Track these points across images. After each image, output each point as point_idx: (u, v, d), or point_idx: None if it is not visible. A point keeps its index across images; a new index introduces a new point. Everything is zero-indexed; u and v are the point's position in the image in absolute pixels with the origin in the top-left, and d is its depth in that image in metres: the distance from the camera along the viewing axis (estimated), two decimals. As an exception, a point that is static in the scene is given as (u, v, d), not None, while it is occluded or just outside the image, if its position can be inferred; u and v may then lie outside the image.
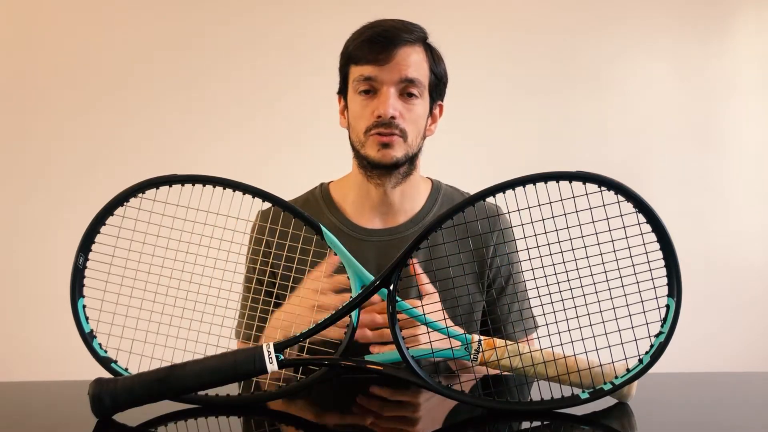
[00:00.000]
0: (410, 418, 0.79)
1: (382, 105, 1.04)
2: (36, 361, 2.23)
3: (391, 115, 1.04)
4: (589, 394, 0.76)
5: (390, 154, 1.06)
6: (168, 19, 2.34)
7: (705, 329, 2.30)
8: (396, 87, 1.05)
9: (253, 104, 2.35)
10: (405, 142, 1.07)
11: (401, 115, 1.06)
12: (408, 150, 1.08)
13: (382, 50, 1.04)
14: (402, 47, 1.05)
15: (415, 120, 1.08)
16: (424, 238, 0.76)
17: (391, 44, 1.04)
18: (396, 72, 1.05)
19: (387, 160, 1.07)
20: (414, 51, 1.07)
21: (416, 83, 1.06)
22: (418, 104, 1.08)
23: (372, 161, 1.08)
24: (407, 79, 1.05)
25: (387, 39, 1.04)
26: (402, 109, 1.06)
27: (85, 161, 2.30)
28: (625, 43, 2.46)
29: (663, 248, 0.74)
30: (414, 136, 1.08)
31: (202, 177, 0.81)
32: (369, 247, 1.14)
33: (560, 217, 0.77)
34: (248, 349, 0.75)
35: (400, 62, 1.05)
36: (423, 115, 1.09)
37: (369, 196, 1.16)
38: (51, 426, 0.76)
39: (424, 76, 1.08)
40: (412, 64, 1.06)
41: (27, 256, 2.30)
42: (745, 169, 2.53)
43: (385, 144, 1.06)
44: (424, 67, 1.08)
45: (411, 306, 0.81)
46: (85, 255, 0.80)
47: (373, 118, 1.05)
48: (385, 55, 1.04)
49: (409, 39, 1.06)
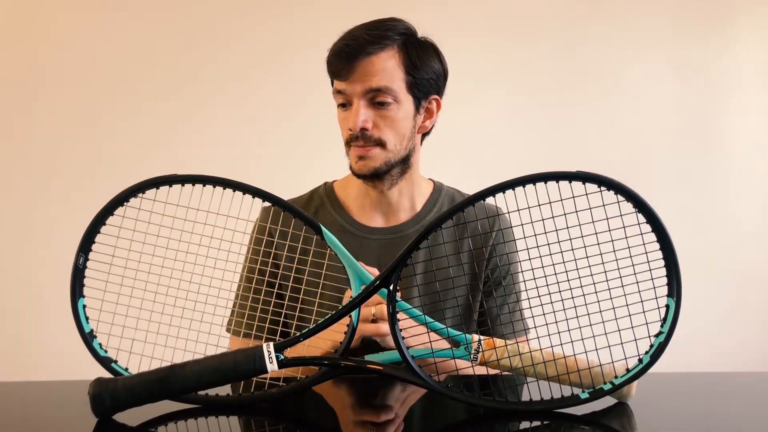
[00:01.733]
0: (410, 418, 0.79)
1: (352, 119, 1.05)
2: (36, 361, 2.23)
3: (361, 127, 1.05)
4: (588, 394, 0.76)
5: (368, 165, 1.08)
6: (168, 19, 2.34)
7: (705, 329, 2.30)
8: (365, 98, 1.05)
9: (254, 104, 2.35)
10: (384, 149, 1.07)
11: (375, 124, 1.06)
12: (389, 156, 1.08)
13: (345, 64, 1.04)
14: (364, 58, 1.04)
15: (392, 126, 1.07)
16: (425, 238, 0.76)
17: (351, 57, 1.04)
18: (359, 84, 1.04)
19: (365, 171, 1.08)
20: (380, 58, 1.05)
21: (385, 90, 1.05)
22: (393, 110, 1.06)
23: (353, 172, 1.11)
24: (373, 89, 1.04)
25: (348, 53, 1.04)
26: (375, 117, 1.06)
27: (85, 161, 2.30)
28: (625, 43, 2.46)
29: (663, 248, 0.74)
30: (396, 142, 1.08)
31: (202, 177, 0.81)
32: (371, 245, 1.14)
33: (560, 217, 0.77)
34: (248, 349, 0.75)
35: (363, 73, 1.04)
36: (404, 117, 1.08)
37: (369, 195, 1.17)
38: (51, 426, 0.76)
39: (396, 80, 1.06)
40: (377, 73, 1.04)
41: (27, 256, 2.30)
42: (745, 169, 2.52)
43: (361, 156, 1.07)
44: (397, 71, 1.06)
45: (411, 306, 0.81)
46: (85, 255, 0.80)
47: (348, 131, 1.07)
48: (347, 69, 1.04)
49: (374, 48, 1.04)
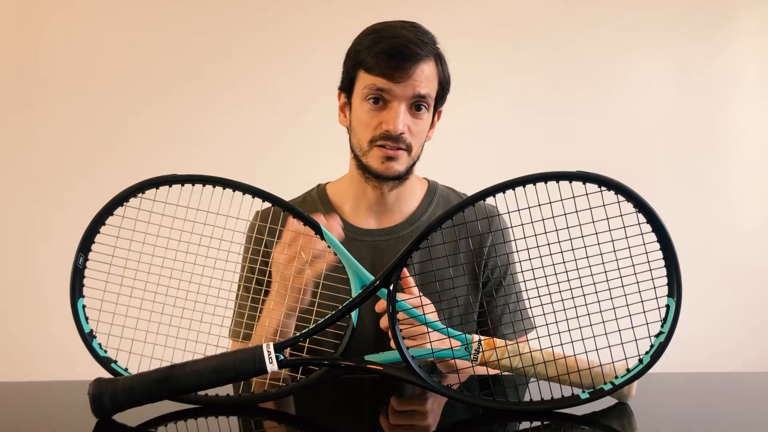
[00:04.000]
0: (410, 418, 0.79)
1: (392, 120, 1.03)
2: (36, 361, 2.23)
3: (401, 132, 1.04)
4: (589, 394, 0.76)
5: (394, 167, 1.07)
6: (167, 20, 2.34)
7: (705, 329, 2.29)
8: (407, 102, 1.05)
9: (254, 104, 2.35)
10: (409, 155, 1.08)
11: (409, 129, 1.05)
12: (410, 162, 1.09)
13: (399, 67, 1.02)
14: (419, 64, 1.03)
15: (420, 133, 1.08)
16: (424, 238, 0.76)
17: (408, 61, 1.02)
18: (410, 89, 1.03)
19: (390, 173, 1.07)
20: (427, 66, 1.05)
21: (426, 98, 1.06)
22: (425, 118, 1.08)
23: (374, 172, 1.08)
24: (420, 95, 1.05)
25: (404, 55, 1.02)
26: (410, 123, 1.06)
27: (85, 161, 2.30)
28: (626, 43, 2.46)
29: (663, 248, 0.74)
30: (417, 148, 1.09)
31: (202, 177, 0.81)
32: (365, 247, 1.14)
33: (560, 217, 0.77)
34: (248, 349, 0.75)
35: (415, 79, 1.03)
36: (427, 126, 1.10)
37: (365, 197, 1.16)
38: (51, 426, 0.76)
39: (433, 90, 1.07)
40: (425, 80, 1.04)
41: (27, 256, 2.30)
42: (745, 168, 2.52)
43: (389, 157, 1.06)
44: (434, 81, 1.07)
45: (411, 306, 0.81)
46: (85, 255, 0.80)
47: (380, 130, 1.05)
48: (401, 72, 1.02)
49: (426, 55, 1.04)
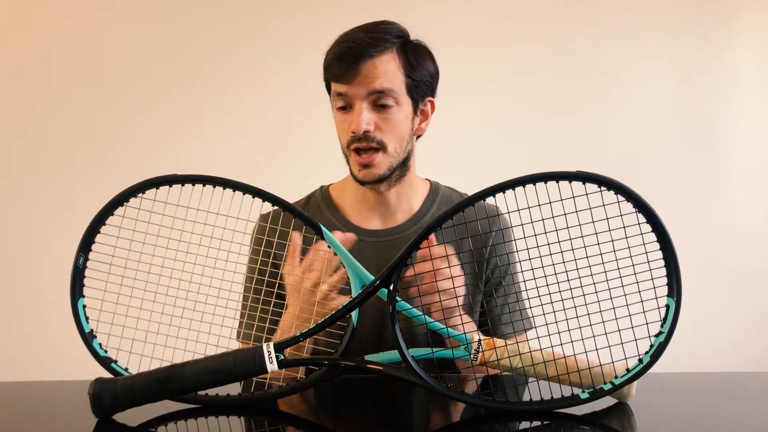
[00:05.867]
0: (410, 418, 0.79)
1: (355, 121, 1.05)
2: (36, 361, 2.23)
3: (365, 130, 1.05)
4: (589, 394, 0.76)
5: (372, 173, 1.08)
6: (168, 20, 2.34)
7: (705, 329, 2.29)
8: (367, 100, 1.05)
9: (254, 104, 2.34)
10: (386, 153, 1.07)
11: (377, 126, 1.06)
12: (391, 161, 1.09)
13: (349, 67, 1.04)
14: (368, 60, 1.04)
15: (393, 129, 1.07)
16: (425, 238, 0.76)
17: (356, 60, 1.04)
18: (364, 86, 1.04)
19: (370, 179, 1.08)
20: (383, 61, 1.05)
21: (388, 93, 1.05)
22: (395, 112, 1.07)
23: (356, 179, 1.10)
24: (376, 91, 1.04)
25: (352, 55, 1.04)
26: (377, 120, 1.06)
27: (85, 161, 2.30)
28: (625, 43, 2.45)
29: (663, 248, 0.74)
30: (396, 144, 1.08)
31: (202, 177, 0.81)
32: (369, 248, 1.14)
33: (560, 217, 0.77)
34: (248, 349, 0.75)
35: (367, 76, 1.04)
36: (404, 120, 1.09)
37: (366, 197, 1.17)
38: (51, 426, 0.76)
39: (397, 83, 1.06)
40: (381, 75, 1.04)
41: (27, 256, 2.30)
42: (745, 169, 2.52)
43: (365, 165, 1.07)
44: (397, 74, 1.07)
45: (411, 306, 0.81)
46: (85, 255, 0.80)
47: (350, 134, 1.06)
48: (351, 72, 1.04)
49: (376, 51, 1.05)
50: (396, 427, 0.76)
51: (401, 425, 0.77)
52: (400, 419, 0.79)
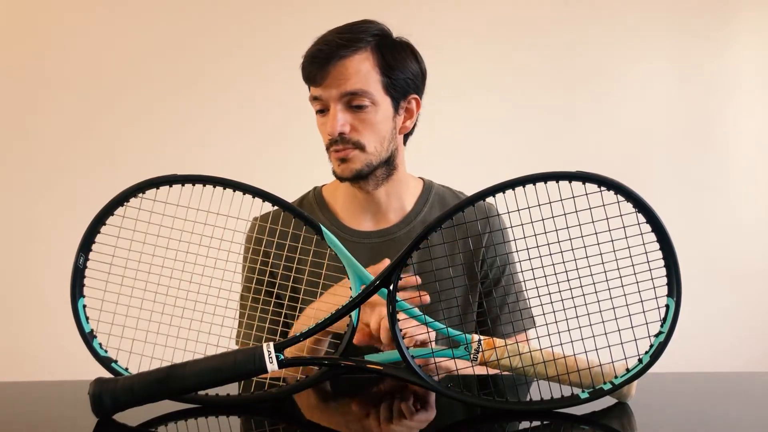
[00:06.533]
0: (410, 418, 0.79)
1: (329, 124, 1.05)
2: (36, 361, 2.23)
3: (339, 132, 1.04)
4: (588, 393, 0.76)
5: (349, 167, 1.07)
6: (168, 20, 2.34)
7: (705, 329, 2.29)
8: (341, 102, 1.04)
9: (253, 105, 2.35)
10: (364, 152, 1.06)
11: (353, 128, 1.05)
12: (370, 159, 1.07)
13: (318, 69, 1.03)
14: (337, 62, 1.03)
15: (371, 128, 1.06)
16: (425, 238, 0.76)
17: (325, 62, 1.03)
18: (335, 88, 1.03)
19: (347, 174, 1.08)
20: (354, 61, 1.04)
21: (361, 93, 1.04)
22: (371, 112, 1.06)
23: (336, 176, 1.10)
24: (348, 93, 1.04)
25: (322, 57, 1.03)
26: (353, 120, 1.05)
27: (85, 161, 2.30)
28: (626, 43, 2.46)
29: (663, 248, 0.74)
30: (375, 144, 1.07)
31: (202, 177, 0.81)
32: (362, 249, 1.13)
33: (560, 217, 0.77)
34: (248, 349, 0.75)
35: (337, 77, 1.03)
36: (382, 119, 1.07)
37: (356, 198, 1.16)
38: (51, 426, 0.76)
39: (372, 83, 1.05)
40: (351, 76, 1.03)
41: (27, 256, 2.30)
42: (745, 169, 2.52)
43: (342, 159, 1.07)
44: (371, 73, 1.05)
45: (411, 306, 0.81)
46: (86, 255, 0.80)
47: (327, 137, 1.06)
48: (321, 75, 1.03)
49: (347, 51, 1.04)
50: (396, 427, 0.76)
51: (401, 425, 0.77)
52: (400, 419, 0.79)
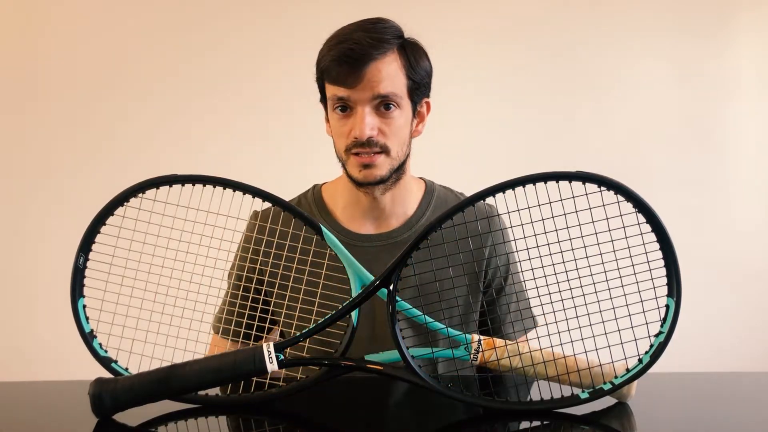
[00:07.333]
0: (410, 418, 0.79)
1: (358, 126, 1.00)
2: (36, 361, 2.23)
3: (368, 136, 1.00)
4: (588, 393, 0.76)
5: (373, 173, 1.03)
6: (167, 19, 2.34)
7: (705, 329, 2.29)
8: (370, 105, 1.01)
9: (253, 105, 2.34)
10: (388, 156, 1.03)
11: (380, 131, 1.01)
12: (393, 163, 1.04)
13: (351, 71, 0.99)
14: (371, 64, 0.99)
15: (396, 132, 1.03)
16: (424, 238, 0.76)
17: (359, 64, 0.98)
18: (368, 91, 0.99)
19: (371, 180, 1.04)
20: (385, 63, 1.00)
21: (391, 97, 1.00)
22: (397, 116, 1.03)
23: (356, 181, 1.06)
24: (380, 96, 1.00)
25: (354, 59, 0.98)
26: (380, 124, 1.01)
27: (85, 161, 2.30)
28: (626, 43, 2.45)
29: (663, 248, 0.74)
30: (398, 148, 1.04)
31: (202, 177, 0.81)
32: (361, 253, 1.11)
33: (560, 217, 0.77)
34: (248, 349, 0.76)
35: (371, 80, 0.99)
36: (405, 123, 1.05)
37: (359, 202, 1.12)
38: (51, 426, 0.76)
39: (400, 86, 1.02)
40: (384, 79, 1.00)
41: (27, 256, 2.30)
42: (745, 169, 2.52)
43: (366, 165, 1.02)
44: (399, 76, 1.02)
45: (411, 306, 0.81)
46: (86, 255, 0.80)
47: (351, 138, 1.02)
48: (354, 77, 0.99)
49: (379, 53, 1.00)
50: (396, 427, 0.76)
51: (401, 425, 0.77)
52: (400, 419, 0.79)
